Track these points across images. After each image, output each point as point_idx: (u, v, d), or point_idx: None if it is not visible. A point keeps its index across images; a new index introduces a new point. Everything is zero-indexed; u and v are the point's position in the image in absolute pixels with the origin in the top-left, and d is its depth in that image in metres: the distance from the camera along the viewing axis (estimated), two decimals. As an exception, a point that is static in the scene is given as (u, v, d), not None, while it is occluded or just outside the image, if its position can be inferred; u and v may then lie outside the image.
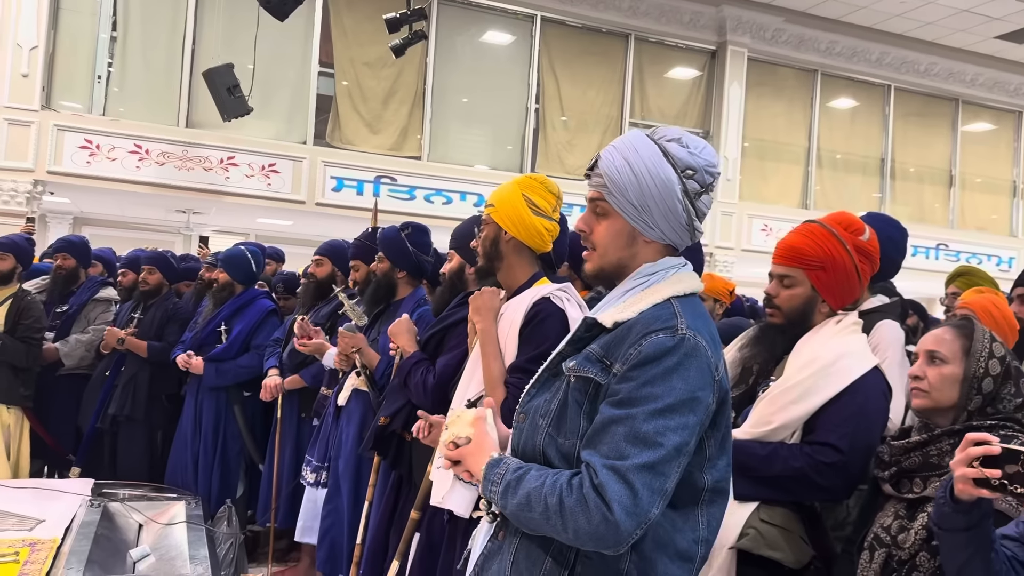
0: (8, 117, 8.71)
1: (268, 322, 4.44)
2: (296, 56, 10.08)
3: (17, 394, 4.29)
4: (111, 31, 9.38)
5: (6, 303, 4.29)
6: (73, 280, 4.85)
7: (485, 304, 2.26)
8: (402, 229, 3.64)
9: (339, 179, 10.14)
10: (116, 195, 9.71)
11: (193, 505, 3.89)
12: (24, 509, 3.59)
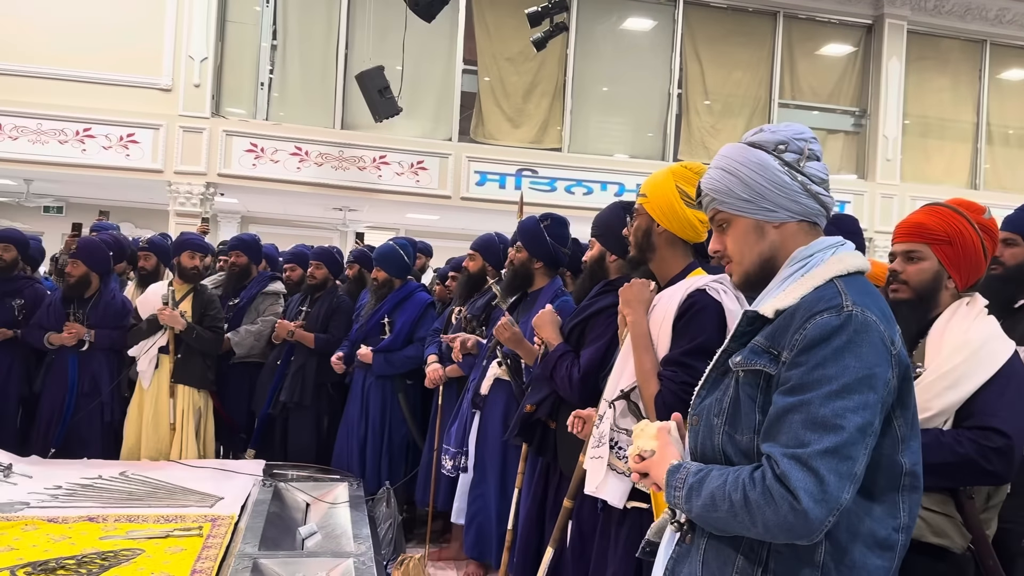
0: (183, 125, 9.46)
1: (428, 314, 4.67)
2: (441, 55, 10.37)
3: (206, 379, 4.72)
4: (272, 40, 10.00)
5: (188, 296, 4.71)
6: (245, 275, 5.24)
7: (635, 296, 2.26)
8: (541, 220, 3.68)
9: (482, 173, 10.35)
10: (279, 195, 10.36)
11: (355, 486, 4.12)
12: (205, 487, 3.93)
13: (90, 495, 3.68)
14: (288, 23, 10.08)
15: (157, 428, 4.58)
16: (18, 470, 3.88)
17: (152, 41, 9.35)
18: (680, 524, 1.46)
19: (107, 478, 3.98)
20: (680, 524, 1.46)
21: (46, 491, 3.66)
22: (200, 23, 9.49)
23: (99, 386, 4.57)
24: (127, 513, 3.43)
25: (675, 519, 1.46)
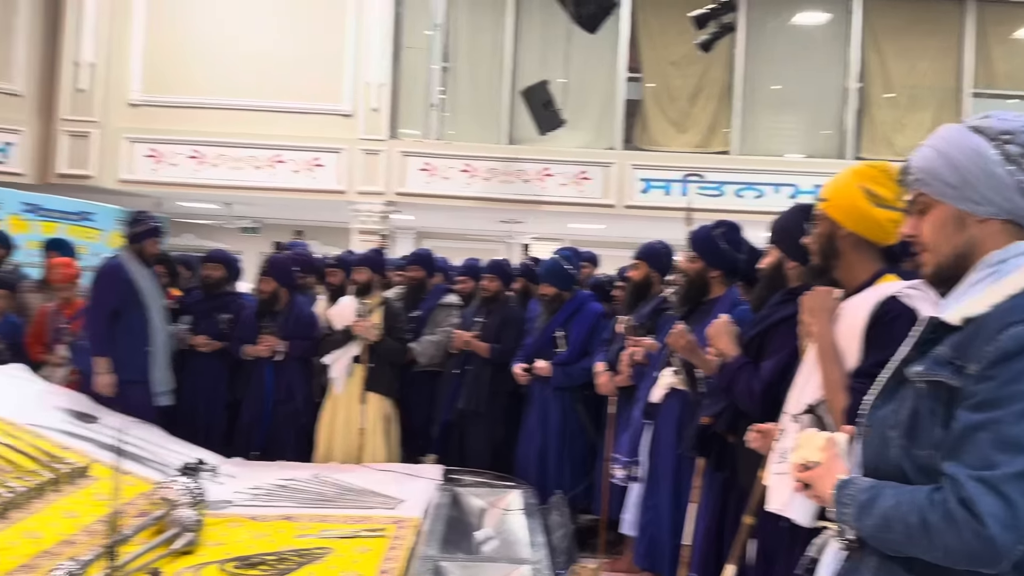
0: (363, 148, 10.05)
1: (601, 325, 4.70)
2: (604, 65, 10.39)
3: (393, 387, 4.99)
4: (442, 62, 10.42)
5: (378, 309, 4.99)
6: (423, 288, 5.51)
7: (819, 305, 2.15)
8: (714, 228, 3.59)
9: (647, 181, 10.25)
10: (450, 210, 10.76)
11: (528, 494, 4.18)
12: (389, 490, 4.12)
13: (286, 496, 3.96)
14: (458, 45, 10.47)
15: (348, 433, 4.87)
16: (223, 471, 4.24)
17: (334, 71, 10.01)
18: (849, 542, 1.38)
19: (301, 480, 4.27)
20: (849, 542, 1.38)
21: (248, 491, 3.97)
22: (376, 51, 10.05)
23: (293, 393, 4.93)
24: (319, 513, 3.66)
25: (842, 536, 1.39)
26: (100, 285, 4.71)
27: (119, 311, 4.61)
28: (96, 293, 4.72)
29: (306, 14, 10.07)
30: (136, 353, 4.60)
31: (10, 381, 4.37)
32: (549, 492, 4.34)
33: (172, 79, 9.91)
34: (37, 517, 2.93)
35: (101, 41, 9.70)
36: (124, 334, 4.60)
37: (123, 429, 3.24)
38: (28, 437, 3.57)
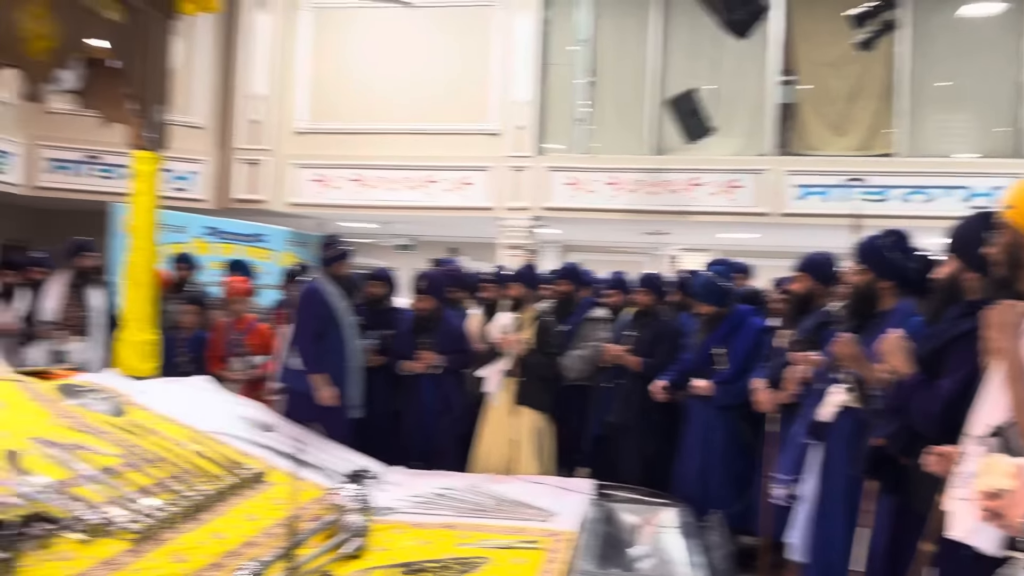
0: (510, 165, 10.26)
1: (763, 340, 4.55)
2: (755, 69, 10.09)
3: (545, 401, 5.04)
4: (587, 77, 10.47)
5: (531, 324, 5.07)
6: (571, 302, 5.54)
7: (1004, 320, 2.00)
8: (883, 236, 3.40)
9: (803, 187, 9.84)
10: (595, 223, 10.76)
11: (684, 513, 4.10)
12: (542, 502, 4.14)
13: (445, 504, 4.08)
14: (603, 58, 10.50)
15: (501, 445, 4.97)
16: (387, 478, 4.42)
17: (481, 92, 10.30)
18: None
19: (458, 489, 4.38)
20: None
21: (409, 498, 4.11)
22: (522, 70, 10.24)
23: (450, 404, 5.09)
24: (476, 523, 3.74)
25: None
26: (303, 308, 5.01)
27: (321, 332, 4.90)
28: (301, 316, 5.01)
29: (455, 39, 10.43)
30: (336, 370, 4.89)
31: (196, 392, 4.75)
32: (705, 511, 4.23)
33: (334, 107, 10.54)
34: (222, 519, 3.17)
35: (271, 75, 10.44)
36: (325, 353, 4.89)
37: (300, 438, 3.45)
38: (213, 444, 3.87)
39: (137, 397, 4.13)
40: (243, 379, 5.65)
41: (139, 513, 2.86)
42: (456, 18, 10.48)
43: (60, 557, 2.48)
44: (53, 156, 9.86)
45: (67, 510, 2.68)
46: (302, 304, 5.04)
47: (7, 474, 2.80)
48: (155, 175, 4.68)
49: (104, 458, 3.22)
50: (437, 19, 10.46)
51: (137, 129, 4.58)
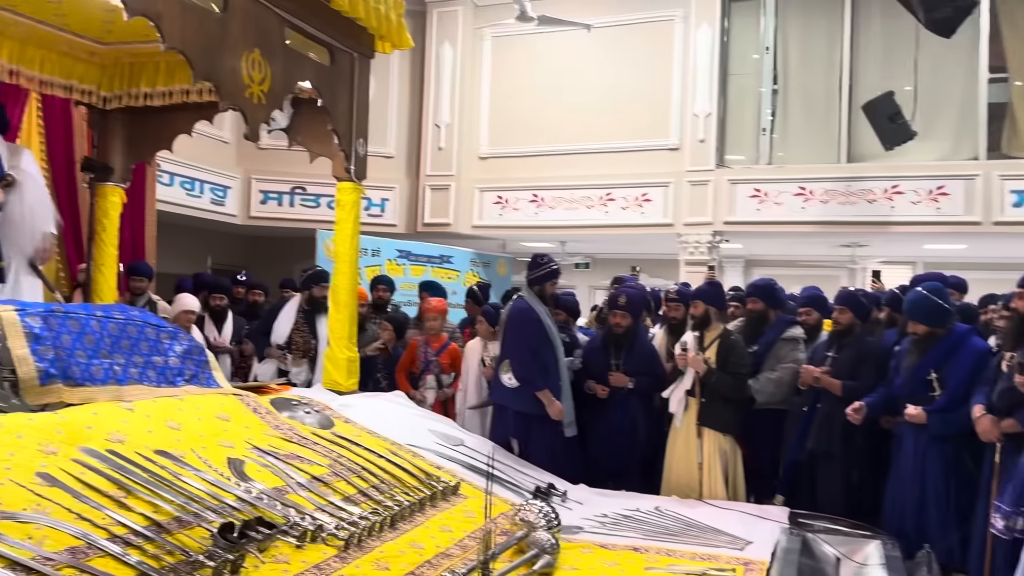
0: (690, 180, 10.07)
1: (986, 364, 4.12)
2: (960, 67, 9.31)
3: (730, 423, 4.87)
4: (772, 85, 10.10)
5: (715, 343, 4.93)
6: (763, 321, 5.28)
7: None
8: None
9: (1019, 193, 8.94)
10: (780, 237, 10.32)
11: (889, 547, 3.82)
12: (734, 529, 4.00)
13: (631, 526, 4.04)
14: (788, 65, 10.09)
15: (687, 467, 4.85)
16: (572, 496, 4.45)
17: (661, 107, 10.22)
18: None
19: (644, 511, 4.33)
20: None
21: (595, 518, 4.11)
22: (704, 82, 10.05)
23: (637, 425, 5.04)
24: (666, 547, 3.67)
25: None
26: (517, 327, 5.02)
27: (536, 349, 4.93)
28: (516, 334, 5.02)
29: (633, 57, 10.42)
30: (550, 388, 4.92)
31: (393, 407, 5.02)
32: (915, 546, 3.91)
33: (514, 132, 10.84)
34: (420, 529, 3.31)
35: (455, 104, 10.91)
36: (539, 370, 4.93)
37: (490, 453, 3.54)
38: (408, 456, 4.06)
39: (341, 411, 4.42)
40: (435, 395, 5.89)
41: (345, 521, 3.05)
42: (634, 36, 10.47)
43: (276, 560, 2.68)
44: (264, 188, 10.83)
45: (283, 516, 2.91)
46: (515, 322, 5.04)
47: (231, 481, 3.09)
48: (357, 204, 5.02)
49: (314, 468, 3.47)
50: (614, 39, 10.50)
51: (340, 161, 4.93)
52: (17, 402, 3.05)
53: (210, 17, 3.81)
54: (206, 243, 11.07)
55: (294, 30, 4.41)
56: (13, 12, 4.63)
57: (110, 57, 5.25)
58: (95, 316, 3.55)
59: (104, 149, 5.38)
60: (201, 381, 3.91)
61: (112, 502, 2.60)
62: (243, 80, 3.99)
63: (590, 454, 5.11)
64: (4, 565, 2.11)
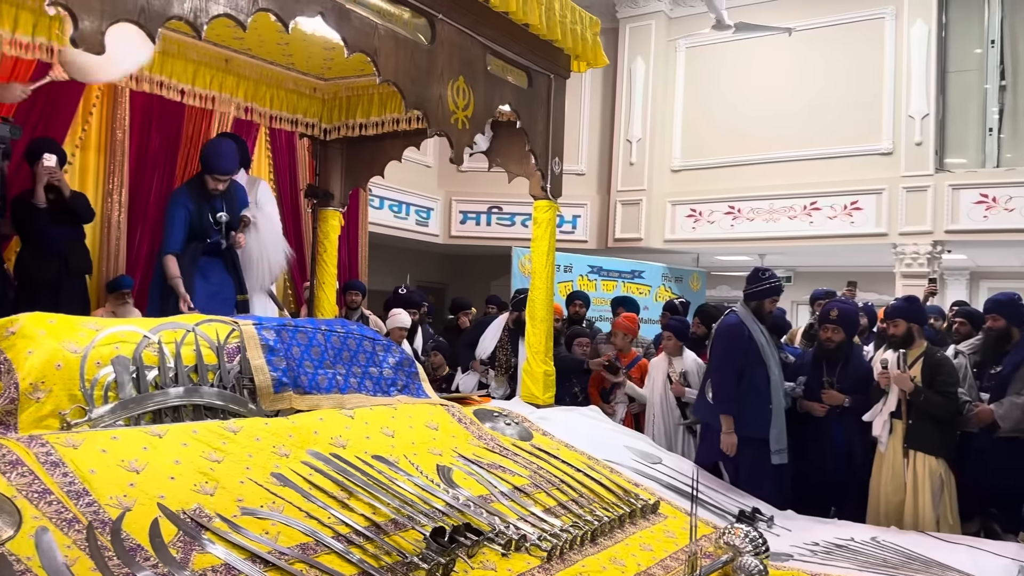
0: (906, 186, 9.35)
1: None
2: None
3: (942, 445, 4.46)
4: (999, 81, 9.19)
5: (918, 361, 4.55)
6: (1005, 340, 4.77)
7: None
8: None
9: None
10: (1014, 246, 9.32)
11: None
12: (962, 564, 3.66)
13: (846, 556, 3.79)
14: (1018, 59, 9.14)
15: (894, 492, 4.52)
16: (779, 522, 4.25)
17: (871, 110, 9.59)
18: None
19: (859, 541, 4.05)
20: None
21: (806, 546, 3.90)
22: (919, 81, 9.34)
23: (853, 447, 4.73)
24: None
25: None
26: (725, 343, 4.80)
27: (743, 369, 4.70)
28: (722, 351, 4.81)
29: (839, 58, 9.88)
30: (759, 411, 4.66)
31: (588, 421, 5.04)
32: None
33: (707, 143, 10.60)
34: (620, 546, 3.30)
35: (648, 119, 10.85)
36: (747, 391, 4.68)
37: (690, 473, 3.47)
38: (606, 472, 4.06)
39: (539, 423, 4.51)
40: (626, 410, 5.86)
41: (547, 532, 3.10)
42: (840, 37, 9.93)
43: (484, 567, 2.78)
44: (464, 208, 11.30)
45: (488, 524, 3.01)
46: (723, 338, 4.83)
47: (440, 487, 3.24)
48: (552, 221, 5.12)
49: (515, 478, 3.56)
50: (817, 41, 10.01)
51: (537, 181, 5.06)
52: (254, 407, 3.38)
53: (420, 49, 4.05)
54: (410, 261, 11.72)
55: (495, 56, 4.59)
56: (249, 55, 5.18)
57: (330, 91, 5.72)
58: (320, 330, 3.87)
59: (325, 177, 5.86)
60: (412, 391, 4.13)
61: (336, 502, 2.81)
62: (449, 107, 4.21)
63: (801, 477, 4.85)
64: (245, 556, 2.34)
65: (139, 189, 5.83)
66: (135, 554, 2.17)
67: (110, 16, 2.67)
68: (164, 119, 5.94)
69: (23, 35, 4.02)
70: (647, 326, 8.23)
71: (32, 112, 5.07)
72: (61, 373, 2.80)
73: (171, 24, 2.97)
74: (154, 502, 2.41)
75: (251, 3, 3.15)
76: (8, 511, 2.13)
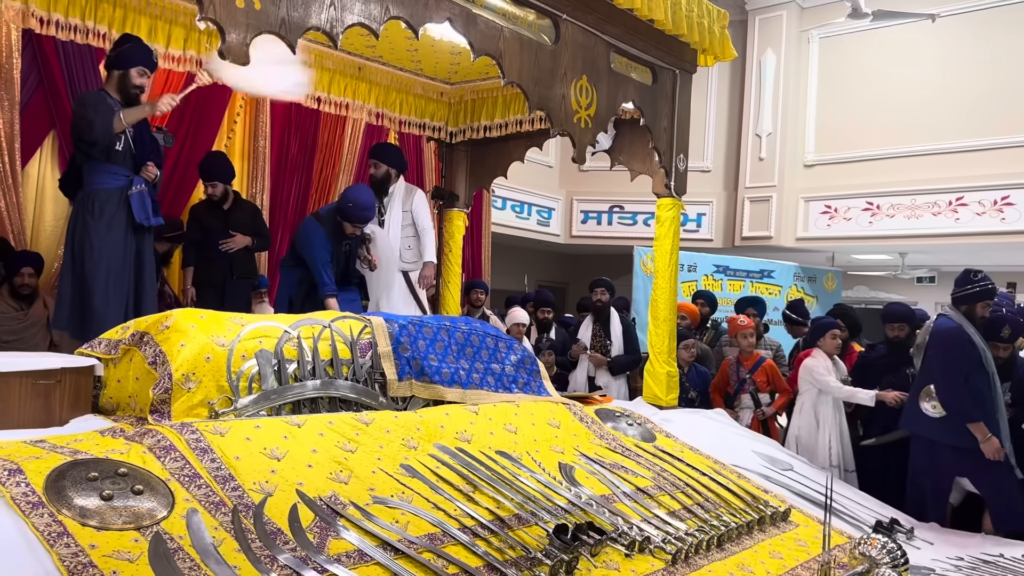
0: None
1: None
2: None
3: None
4: None
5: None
6: None
7: None
8: None
9: None
10: None
11: None
12: None
13: (993, 572, 3.55)
14: None
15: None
16: (920, 535, 4.02)
17: (1021, 97, 8.89)
18: None
19: (1008, 558, 3.78)
20: None
21: (948, 560, 3.68)
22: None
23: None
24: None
25: None
26: (946, 350, 4.44)
27: (968, 376, 4.35)
28: (944, 359, 4.44)
29: (986, 45, 9.21)
30: (987, 422, 4.29)
31: (712, 424, 4.93)
32: None
33: (843, 137, 10.12)
34: (747, 553, 3.21)
35: (778, 113, 10.48)
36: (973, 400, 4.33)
37: (826, 481, 3.34)
38: (733, 477, 3.96)
39: (662, 425, 4.45)
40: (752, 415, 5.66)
41: (672, 535, 3.06)
42: (989, 22, 9.25)
43: (607, 566, 2.77)
44: (585, 208, 11.28)
45: (611, 523, 2.99)
46: (942, 343, 4.45)
47: (563, 485, 3.25)
48: (676, 219, 5.04)
49: (638, 479, 3.53)
50: (963, 27, 9.37)
51: (660, 178, 4.99)
52: (384, 400, 3.50)
53: (544, 50, 4.08)
54: (532, 261, 11.81)
55: (619, 54, 4.57)
56: (380, 62, 5.37)
57: (456, 95, 5.85)
58: (444, 326, 3.96)
59: (451, 178, 6.01)
60: (533, 388, 4.17)
61: (462, 495, 2.88)
62: (572, 106, 4.22)
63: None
64: (376, 544, 2.43)
65: (279, 193, 6.17)
66: (275, 537, 2.30)
67: (255, 29, 2.84)
68: (301, 126, 6.25)
69: (175, 49, 4.33)
70: (778, 328, 7.95)
71: (183, 122, 5.45)
72: (210, 365, 2.99)
73: (308, 34, 3.12)
74: (293, 488, 2.54)
75: (383, 11, 3.27)
76: (163, 493, 2.30)
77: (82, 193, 3.93)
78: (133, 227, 3.96)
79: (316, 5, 3.04)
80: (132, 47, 3.96)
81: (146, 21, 4.22)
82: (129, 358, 3.04)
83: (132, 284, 3.98)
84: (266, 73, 3.54)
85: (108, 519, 2.13)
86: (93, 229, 3.85)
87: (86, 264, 3.84)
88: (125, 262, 3.94)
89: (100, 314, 3.78)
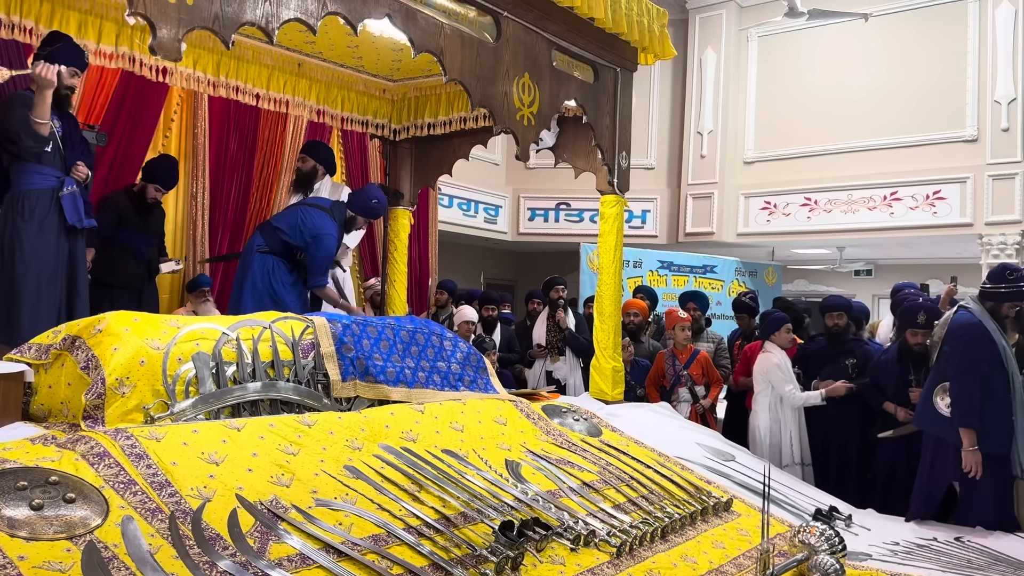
0: (992, 174, 8.93)
1: None
2: None
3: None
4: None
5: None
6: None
7: None
8: None
9: None
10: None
11: None
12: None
13: (927, 556, 3.67)
14: None
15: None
16: (857, 521, 4.13)
17: (953, 96, 9.20)
18: None
19: (942, 541, 3.92)
20: None
21: (885, 546, 3.79)
22: (1005, 65, 8.90)
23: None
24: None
25: None
26: (966, 345, 4.22)
27: (987, 375, 4.16)
28: (963, 355, 4.21)
29: (919, 44, 9.50)
30: (1000, 423, 4.12)
31: (657, 417, 4.99)
32: None
33: (781, 134, 10.34)
34: (691, 543, 3.26)
35: (719, 111, 10.66)
36: (987, 401, 4.14)
37: (764, 470, 3.41)
38: (677, 469, 4.02)
39: (608, 419, 4.49)
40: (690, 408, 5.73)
41: (617, 528, 3.09)
42: (919, 21, 9.55)
43: (553, 561, 2.78)
44: (532, 205, 11.30)
45: (557, 519, 3.01)
46: (963, 338, 4.23)
47: (509, 482, 3.26)
48: (620, 216, 5.09)
49: (584, 474, 3.56)
50: (896, 26, 9.65)
51: (604, 176, 5.03)
52: (328, 402, 3.46)
53: (485, 48, 4.08)
54: (480, 259, 11.80)
55: (561, 52, 4.59)
56: (320, 58, 5.30)
57: (399, 92, 5.81)
58: (389, 325, 3.93)
59: (395, 176, 5.96)
60: (479, 386, 4.17)
61: (407, 495, 2.86)
62: (514, 104, 4.22)
63: (878, 474, 4.71)
64: (319, 547, 2.40)
65: (219, 192, 6.04)
66: (215, 543, 2.25)
67: (187, 24, 2.77)
68: (241, 124, 6.13)
69: (107, 45, 4.21)
70: (720, 322, 8.09)
71: (118, 120, 5.30)
72: (145, 369, 2.92)
73: (244, 30, 3.07)
74: (233, 493, 2.49)
75: (321, 7, 3.23)
76: (96, 500, 2.24)
77: (11, 195, 3.80)
78: (65, 229, 3.85)
79: (251, 0, 2.98)
80: (64, 47, 3.84)
81: (75, 16, 4.09)
82: (61, 363, 2.95)
83: (64, 288, 3.87)
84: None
85: (38, 529, 2.06)
86: (24, 231, 3.74)
87: (16, 267, 3.72)
88: (58, 265, 3.83)
89: (30, 318, 3.66)
